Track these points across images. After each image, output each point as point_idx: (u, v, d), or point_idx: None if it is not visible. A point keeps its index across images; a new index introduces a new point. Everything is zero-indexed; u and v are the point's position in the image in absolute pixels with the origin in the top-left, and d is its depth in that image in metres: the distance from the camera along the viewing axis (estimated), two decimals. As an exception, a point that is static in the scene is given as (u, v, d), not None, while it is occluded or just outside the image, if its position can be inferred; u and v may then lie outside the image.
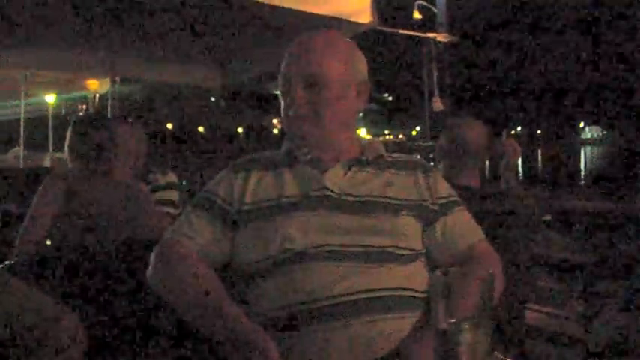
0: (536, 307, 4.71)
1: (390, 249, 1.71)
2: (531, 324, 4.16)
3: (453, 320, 1.23)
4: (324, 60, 1.79)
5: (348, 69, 1.84)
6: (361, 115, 1.98)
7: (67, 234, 3.14)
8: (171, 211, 3.87)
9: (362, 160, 1.86)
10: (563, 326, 4.58)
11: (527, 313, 3.50)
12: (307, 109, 1.78)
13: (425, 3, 6.91)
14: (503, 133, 3.57)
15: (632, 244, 5.61)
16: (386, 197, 1.79)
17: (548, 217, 5.83)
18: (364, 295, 1.62)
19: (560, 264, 5.51)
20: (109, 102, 7.93)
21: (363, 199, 1.78)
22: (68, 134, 3.44)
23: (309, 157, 1.83)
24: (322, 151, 1.83)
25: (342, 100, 1.82)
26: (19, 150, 12.06)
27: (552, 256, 5.51)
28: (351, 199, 1.77)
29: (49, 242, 3.13)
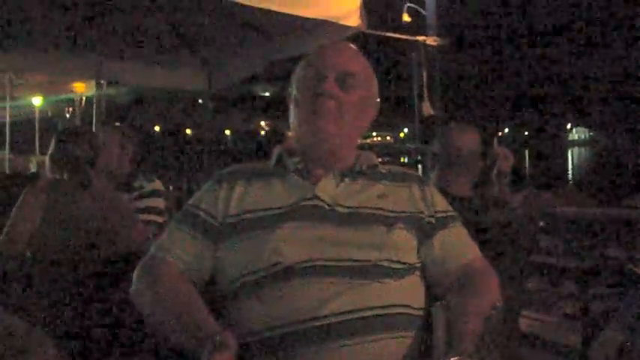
0: (529, 313, 4.68)
1: (382, 263, 1.63)
2: (524, 331, 4.12)
3: (456, 358, 1.17)
4: (359, 65, 1.82)
5: (371, 83, 1.86)
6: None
7: (46, 246, 3.08)
8: (158, 219, 3.79)
9: (355, 170, 1.79)
10: (555, 333, 4.55)
11: (521, 320, 3.45)
12: (334, 105, 1.73)
13: (414, 6, 6.87)
14: (495, 140, 3.50)
15: (623, 248, 5.59)
16: (379, 209, 1.72)
17: (540, 223, 5.80)
18: (357, 315, 1.54)
19: (550, 268, 5.49)
20: (95, 105, 7.85)
21: (355, 211, 1.71)
22: (51, 145, 3.40)
23: (300, 165, 1.76)
24: (317, 159, 1.76)
25: (363, 109, 1.81)
26: (5, 153, 11.96)
27: (543, 261, 5.48)
28: (343, 210, 1.70)
29: (28, 254, 3.06)
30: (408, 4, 6.91)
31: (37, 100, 11.85)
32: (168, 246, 1.74)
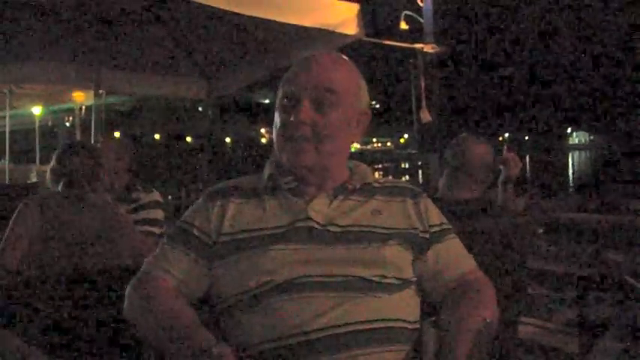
0: (529, 319, 4.68)
1: (375, 278, 1.63)
2: (523, 337, 4.12)
3: None
4: (338, 79, 1.71)
5: (356, 94, 1.77)
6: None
7: (43, 260, 3.08)
8: (156, 230, 3.78)
9: (348, 187, 1.78)
10: (554, 339, 4.54)
11: (520, 326, 3.45)
12: (310, 130, 1.68)
13: (412, 13, 6.88)
14: (505, 146, 3.51)
15: (623, 254, 5.58)
16: (373, 226, 1.72)
17: (540, 230, 5.80)
18: (350, 328, 1.55)
19: (550, 275, 5.48)
20: (93, 114, 7.86)
21: (348, 229, 1.70)
22: (53, 159, 3.43)
23: (292, 185, 1.75)
24: (309, 179, 1.75)
25: (345, 126, 1.74)
26: (5, 163, 11.95)
27: (543, 267, 5.47)
28: (335, 229, 1.69)
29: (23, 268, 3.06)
30: (406, 12, 6.93)
31: (37, 110, 11.84)
32: (161, 263, 1.74)
